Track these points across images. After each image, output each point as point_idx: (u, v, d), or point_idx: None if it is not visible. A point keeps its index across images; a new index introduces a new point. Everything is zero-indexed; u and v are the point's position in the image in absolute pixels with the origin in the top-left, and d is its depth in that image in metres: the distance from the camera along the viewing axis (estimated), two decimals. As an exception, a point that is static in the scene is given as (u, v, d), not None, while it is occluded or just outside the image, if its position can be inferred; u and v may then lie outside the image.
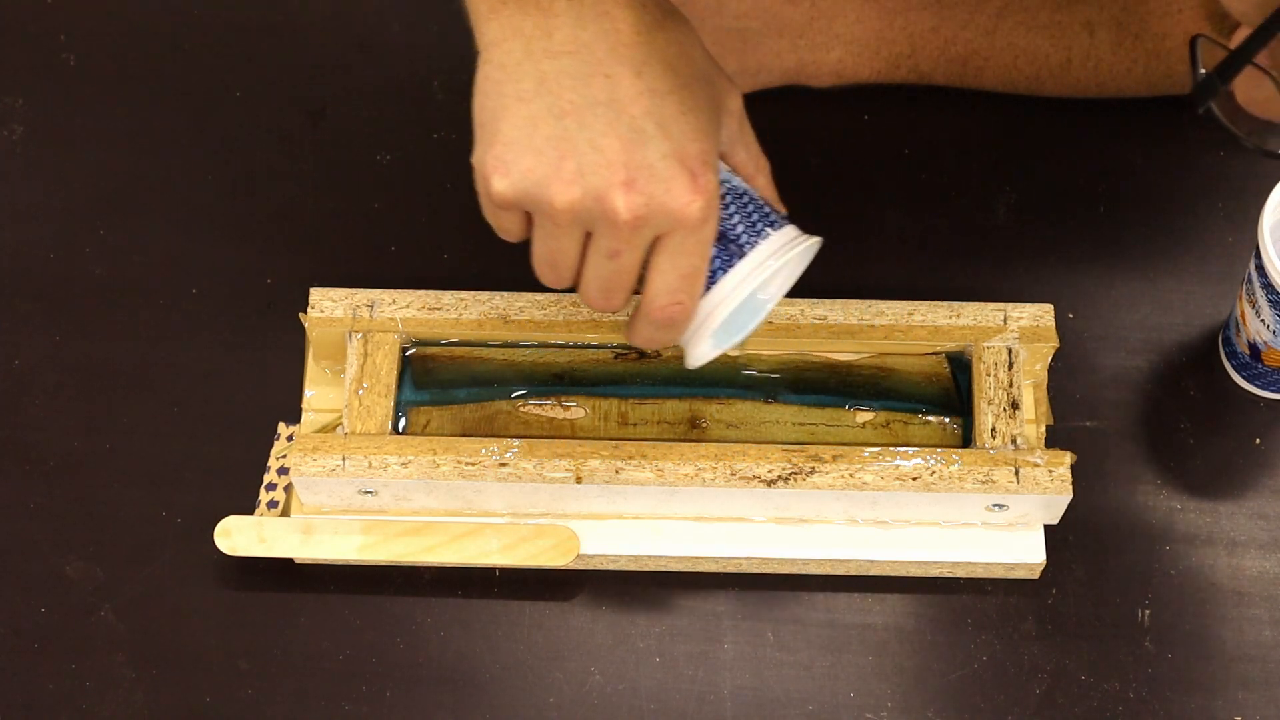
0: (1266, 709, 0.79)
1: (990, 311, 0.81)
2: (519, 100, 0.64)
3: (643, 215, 0.65)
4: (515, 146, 0.65)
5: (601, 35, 0.64)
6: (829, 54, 0.91)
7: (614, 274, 0.68)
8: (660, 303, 0.69)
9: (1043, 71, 0.90)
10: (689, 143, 0.66)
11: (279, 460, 0.83)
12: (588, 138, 0.64)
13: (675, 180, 0.65)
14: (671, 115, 0.65)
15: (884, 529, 0.81)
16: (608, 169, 0.64)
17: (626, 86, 0.64)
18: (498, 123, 0.65)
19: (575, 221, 0.66)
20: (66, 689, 0.80)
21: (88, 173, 0.92)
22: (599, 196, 0.65)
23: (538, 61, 0.64)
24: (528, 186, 0.65)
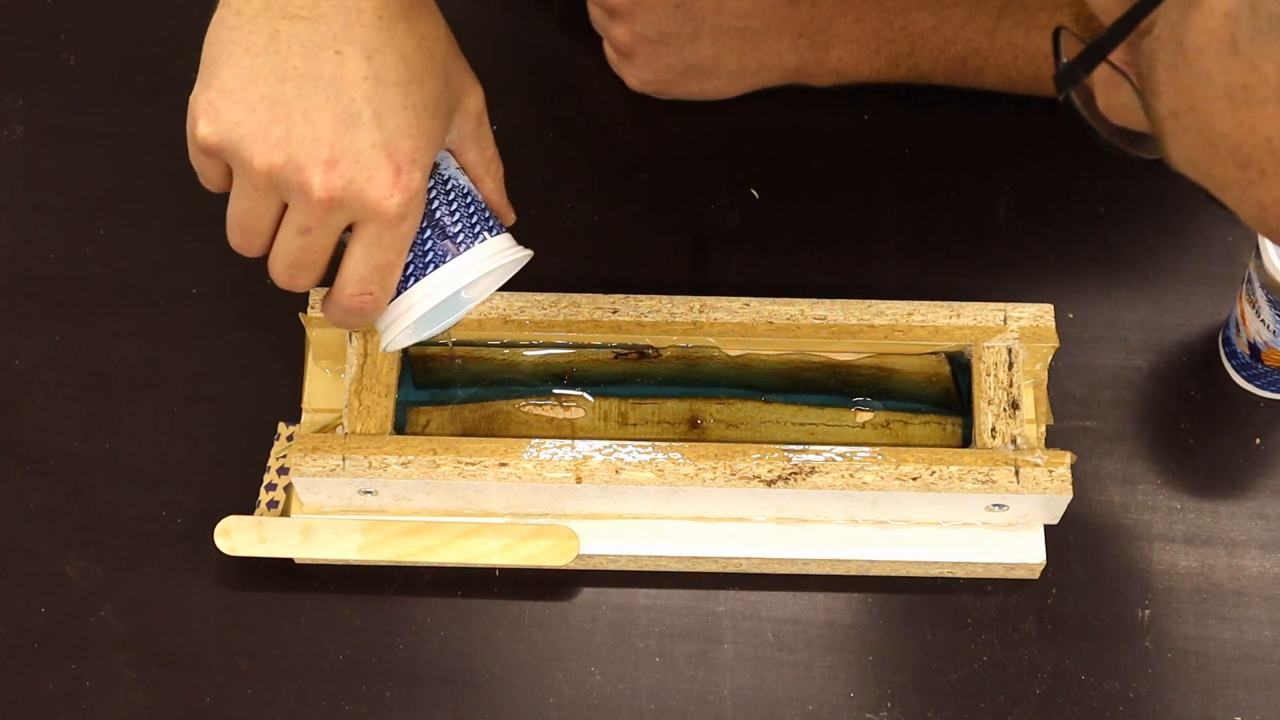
0: (1266, 709, 0.79)
1: (990, 311, 0.81)
2: (246, 52, 0.64)
3: (338, 198, 0.65)
4: (229, 96, 0.64)
5: (341, 10, 0.64)
6: (829, 53, 0.91)
7: (303, 251, 0.67)
8: (350, 290, 0.68)
9: (1043, 70, 0.90)
10: (402, 138, 0.65)
11: (279, 460, 0.83)
12: (302, 108, 0.64)
13: (378, 171, 0.65)
14: (391, 107, 0.65)
15: (884, 529, 0.81)
16: (313, 144, 0.64)
17: (354, 68, 0.64)
18: (219, 68, 0.64)
19: (271, 187, 0.65)
20: (66, 689, 0.80)
21: (88, 173, 0.92)
22: (299, 168, 0.64)
23: (274, 19, 0.64)
24: (232, 139, 0.65)
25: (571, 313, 0.82)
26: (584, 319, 0.82)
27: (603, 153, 0.93)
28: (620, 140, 0.94)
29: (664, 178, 0.92)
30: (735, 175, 0.92)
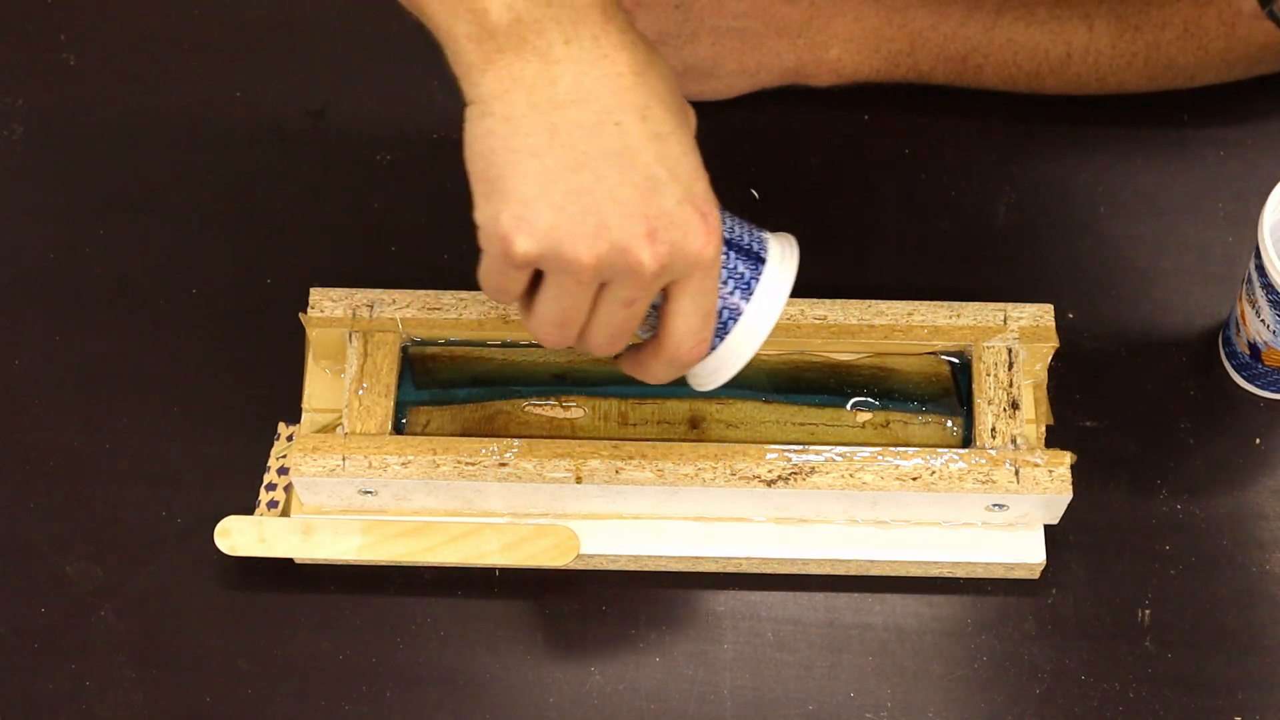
0: (1266, 709, 0.79)
1: (990, 311, 0.81)
2: (532, 155, 0.62)
3: (665, 264, 0.64)
4: (533, 203, 0.62)
5: (605, 80, 0.63)
6: (828, 53, 0.91)
7: (626, 321, 0.67)
8: (688, 345, 0.68)
9: (1043, 67, 0.90)
10: (695, 182, 0.65)
11: (279, 460, 0.83)
12: (607, 190, 0.63)
13: (690, 224, 0.64)
14: (676, 157, 0.64)
15: (884, 529, 0.81)
16: (630, 221, 0.63)
17: (636, 133, 0.63)
18: (509, 179, 0.62)
19: (597, 277, 0.64)
20: (66, 689, 0.80)
21: (88, 173, 0.92)
22: (624, 249, 0.63)
23: (545, 113, 0.62)
24: (551, 244, 0.63)
25: (571, 313, 0.82)
26: (584, 319, 0.82)
27: (603, 153, 0.93)
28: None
29: (664, 178, 0.92)
30: (735, 175, 0.92)
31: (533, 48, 0.62)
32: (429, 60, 0.95)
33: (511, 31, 0.62)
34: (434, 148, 0.93)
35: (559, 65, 0.62)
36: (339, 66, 0.95)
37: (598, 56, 0.63)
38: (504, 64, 0.62)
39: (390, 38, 0.96)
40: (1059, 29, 0.89)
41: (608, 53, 0.63)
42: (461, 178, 0.93)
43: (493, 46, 0.62)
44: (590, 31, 0.63)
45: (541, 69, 0.62)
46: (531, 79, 0.62)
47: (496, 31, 0.62)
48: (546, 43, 0.62)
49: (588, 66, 0.62)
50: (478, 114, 0.63)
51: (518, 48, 0.62)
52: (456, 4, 0.62)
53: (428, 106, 0.94)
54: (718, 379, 0.71)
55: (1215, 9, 0.87)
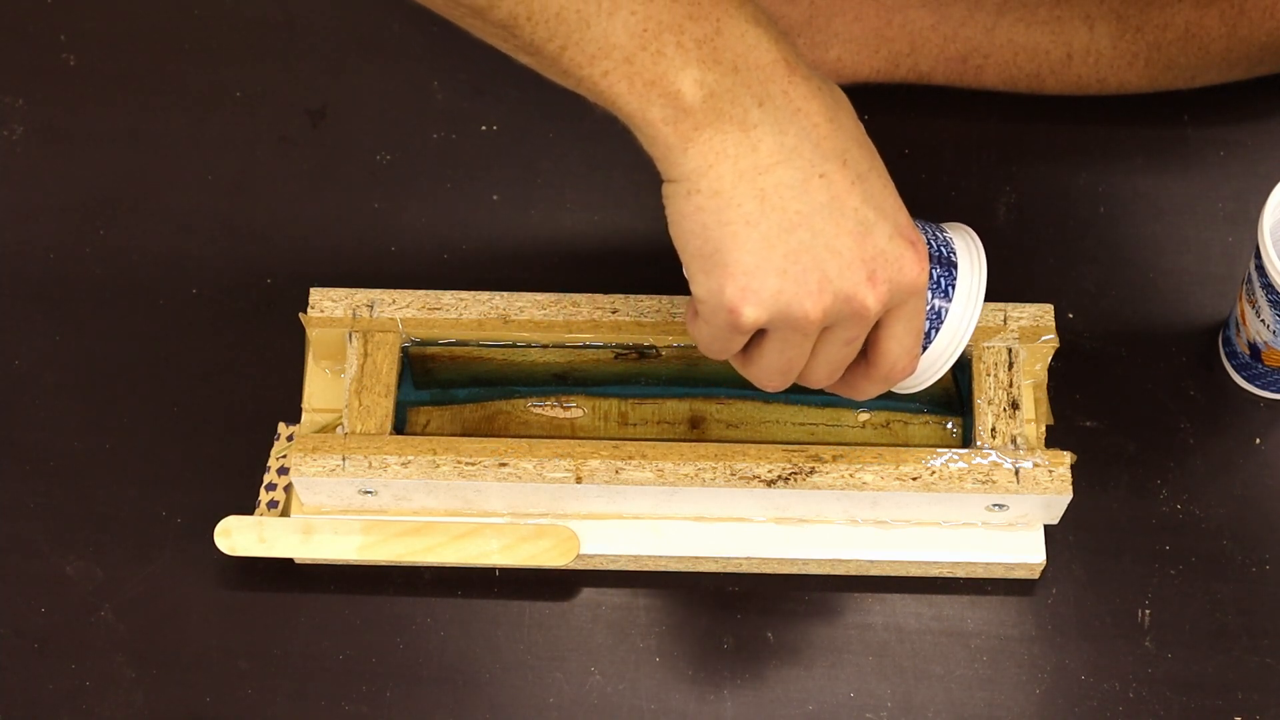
0: (1266, 709, 0.79)
1: (990, 311, 0.81)
2: (746, 224, 0.63)
3: (885, 300, 0.66)
4: (756, 273, 0.63)
5: (803, 135, 0.63)
6: (828, 52, 0.91)
7: (846, 355, 0.69)
8: (901, 365, 0.70)
9: (1043, 68, 0.90)
10: (899, 213, 0.66)
11: (279, 460, 0.83)
12: (823, 243, 0.64)
13: (904, 256, 0.66)
14: (878, 192, 0.65)
15: (884, 529, 0.81)
16: (851, 269, 0.64)
17: (840, 181, 0.64)
18: (728, 252, 0.63)
19: (822, 326, 0.66)
20: (66, 689, 0.80)
21: (88, 173, 0.92)
22: (848, 298, 0.65)
23: (752, 180, 0.63)
24: (779, 308, 0.64)
25: (571, 313, 0.82)
26: (584, 319, 0.82)
27: (603, 152, 0.93)
28: (620, 140, 0.94)
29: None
30: (735, 175, 0.92)
31: (729, 118, 0.62)
32: (429, 60, 0.96)
33: (706, 106, 0.62)
34: (434, 148, 0.93)
35: (757, 130, 0.63)
36: (339, 66, 0.95)
37: (792, 112, 0.63)
38: (704, 139, 0.62)
39: (390, 38, 0.96)
40: (1060, 30, 0.89)
41: (800, 106, 0.63)
42: (462, 177, 0.93)
43: (690, 125, 0.62)
44: (779, 89, 0.63)
45: (741, 137, 0.63)
46: (734, 150, 0.63)
47: (692, 110, 0.62)
48: (741, 110, 0.62)
49: (784, 124, 0.63)
50: (684, 191, 0.63)
51: (715, 121, 0.62)
52: (647, 89, 0.62)
53: (428, 106, 0.94)
54: (922, 383, 0.75)
55: (1216, 10, 0.87)
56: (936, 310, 0.72)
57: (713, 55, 0.62)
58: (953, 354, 0.73)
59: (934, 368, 0.74)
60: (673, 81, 0.61)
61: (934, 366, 0.73)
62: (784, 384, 0.70)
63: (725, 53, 0.62)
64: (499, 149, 0.93)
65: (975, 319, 0.73)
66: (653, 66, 0.61)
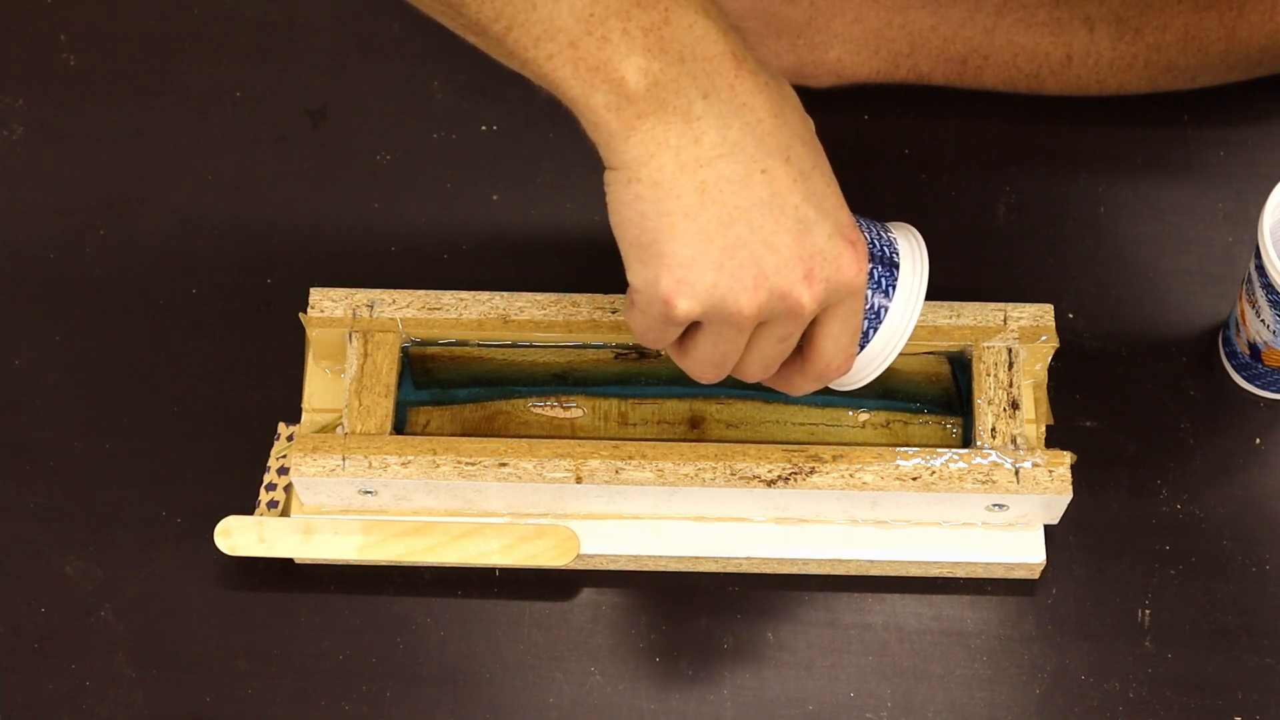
0: (1266, 709, 0.79)
1: (990, 311, 0.81)
2: (684, 216, 0.63)
3: (821, 298, 0.66)
4: (693, 265, 0.63)
5: (747, 130, 0.63)
6: (828, 53, 0.91)
7: (780, 351, 0.69)
8: (836, 363, 0.70)
9: (1043, 69, 0.90)
10: (840, 212, 0.66)
11: (279, 460, 0.83)
12: (761, 239, 0.64)
13: (843, 256, 0.66)
14: (821, 191, 0.65)
15: (884, 529, 0.81)
16: (787, 267, 0.64)
17: (781, 177, 0.64)
18: (665, 243, 0.63)
19: (756, 321, 0.66)
20: (66, 689, 0.80)
21: (88, 173, 0.92)
22: (783, 295, 0.65)
23: (693, 172, 0.62)
24: (713, 301, 0.64)
25: (571, 313, 0.82)
26: (584, 319, 0.82)
27: (603, 153, 0.93)
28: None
29: (664, 178, 0.92)
30: (735, 175, 0.92)
31: (672, 108, 0.62)
32: (429, 60, 0.96)
33: (650, 95, 0.61)
34: (434, 148, 0.93)
35: (700, 122, 0.62)
36: (339, 66, 0.95)
37: (736, 106, 0.63)
38: (646, 128, 0.62)
39: (390, 38, 0.96)
40: (1059, 31, 0.89)
41: (745, 100, 0.63)
42: (462, 177, 0.93)
43: (633, 113, 0.62)
44: (725, 81, 0.63)
45: (684, 128, 0.62)
46: (675, 140, 0.62)
47: (635, 97, 0.61)
48: (686, 101, 0.62)
49: (729, 118, 0.63)
50: (624, 179, 0.63)
51: (658, 111, 0.62)
52: (591, 74, 0.61)
53: (428, 106, 0.94)
54: (859, 381, 0.74)
55: (1216, 12, 0.87)
56: (876, 309, 0.72)
57: (659, 44, 0.61)
58: (890, 353, 0.73)
59: (870, 366, 0.73)
60: (617, 68, 0.61)
61: (871, 365, 0.73)
62: (718, 376, 0.69)
63: (672, 42, 0.62)
64: (499, 149, 0.93)
65: (914, 319, 0.72)
66: (597, 52, 0.61)
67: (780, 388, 0.73)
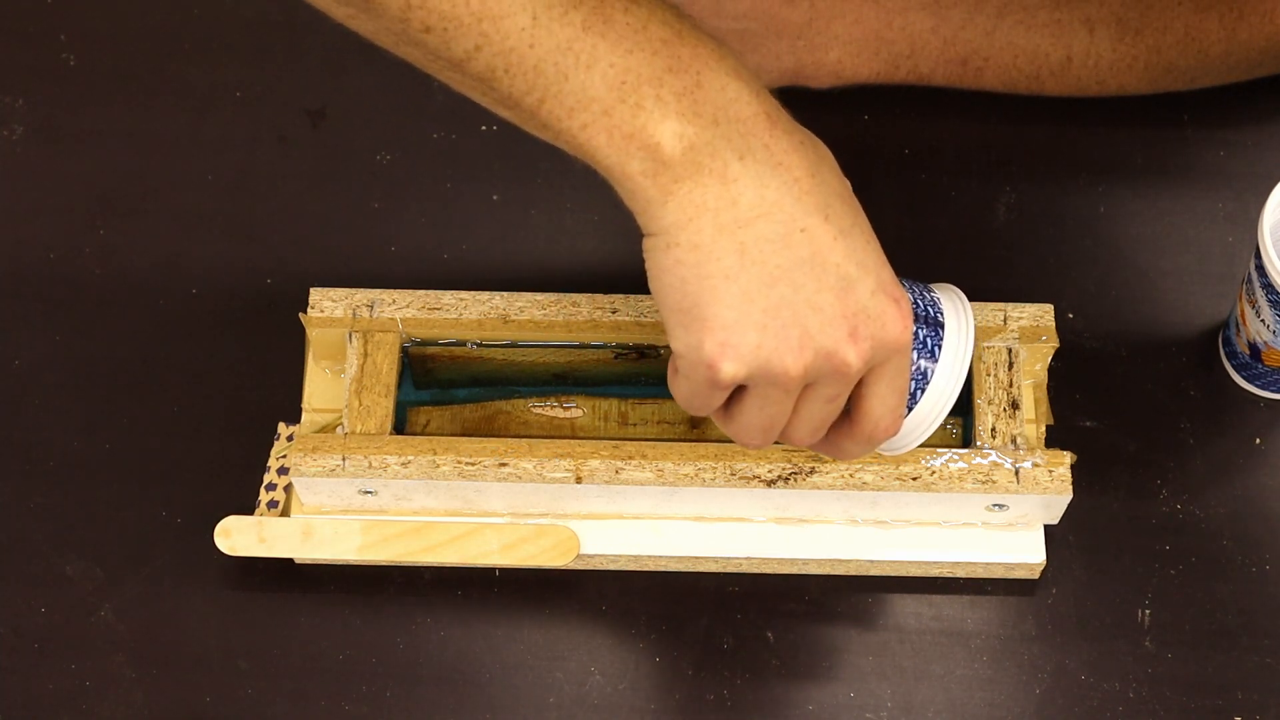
0: (1266, 709, 0.79)
1: (990, 311, 0.81)
2: (725, 278, 0.62)
3: (868, 357, 0.65)
4: (735, 328, 0.62)
5: (784, 189, 0.62)
6: (828, 55, 0.91)
7: (829, 414, 0.68)
8: (884, 425, 0.68)
9: (1043, 70, 0.90)
10: (882, 269, 0.65)
11: (279, 460, 0.83)
12: (804, 299, 0.63)
13: (887, 313, 0.65)
14: (861, 248, 0.64)
15: (884, 529, 0.81)
16: (832, 326, 0.63)
17: (822, 235, 0.63)
18: (707, 306, 0.62)
19: (803, 383, 0.65)
20: (66, 689, 0.80)
21: (88, 173, 0.92)
22: (829, 355, 0.64)
23: (732, 234, 0.62)
24: (758, 364, 0.63)
25: (571, 313, 0.82)
26: (584, 319, 0.82)
27: (603, 153, 0.93)
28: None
29: (664, 178, 0.92)
30: (735, 175, 0.92)
31: (709, 170, 0.61)
32: (429, 60, 0.95)
33: (686, 159, 0.61)
34: (434, 148, 0.93)
35: (737, 184, 0.62)
36: (339, 66, 0.95)
37: (773, 165, 0.62)
38: (683, 192, 0.61)
39: (390, 38, 0.96)
40: (1059, 33, 0.89)
41: (781, 159, 0.63)
42: (462, 177, 0.93)
43: (669, 178, 0.61)
44: (761, 142, 0.62)
45: (721, 190, 0.62)
46: (714, 203, 0.62)
47: (672, 162, 0.61)
48: (722, 163, 0.61)
49: (766, 178, 0.62)
50: (663, 245, 0.62)
51: (695, 174, 0.61)
52: (626, 142, 0.61)
53: (428, 106, 0.94)
54: (906, 446, 0.73)
55: (1216, 13, 0.87)
56: (923, 371, 0.70)
57: (693, 108, 0.61)
58: (939, 415, 0.71)
59: (919, 429, 0.72)
60: (652, 134, 0.61)
61: (920, 428, 0.72)
62: (766, 441, 0.68)
63: (705, 105, 0.61)
64: (499, 149, 0.93)
65: (961, 380, 0.71)
66: (631, 119, 0.61)
67: (829, 453, 0.72)
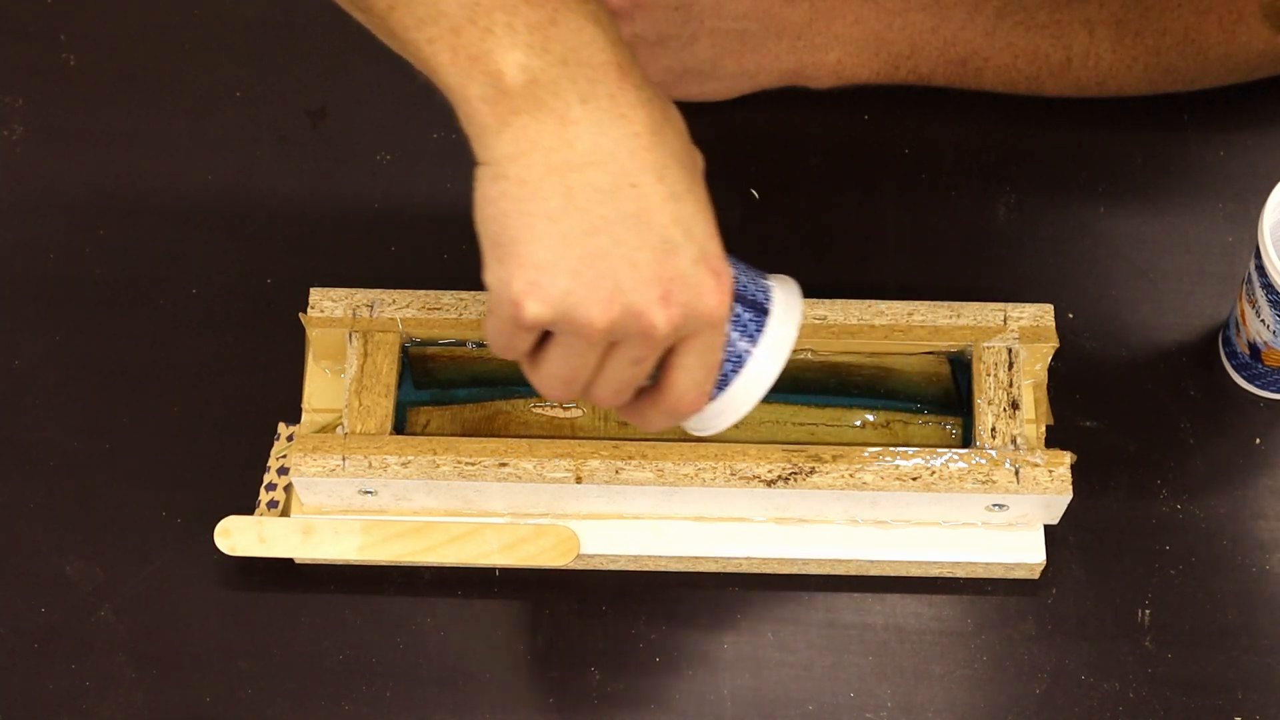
0: (1266, 709, 0.79)
1: (990, 311, 0.81)
2: (548, 219, 0.61)
3: (678, 325, 0.64)
4: (550, 269, 0.62)
5: (622, 141, 0.62)
6: (828, 55, 0.91)
7: (633, 377, 0.67)
8: (689, 398, 0.67)
9: (1043, 71, 0.90)
10: (709, 241, 0.64)
11: (279, 460, 0.83)
12: (623, 253, 0.62)
13: (704, 284, 0.64)
14: (691, 216, 0.63)
15: (884, 529, 0.81)
16: (645, 285, 0.62)
17: (652, 194, 0.62)
18: (523, 244, 0.61)
19: (608, 338, 0.64)
20: (66, 689, 0.80)
21: (88, 173, 0.92)
22: (638, 313, 0.63)
23: (562, 175, 0.61)
24: (565, 309, 0.62)
25: (571, 313, 0.82)
26: (584, 319, 0.81)
27: (603, 153, 0.93)
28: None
29: (664, 178, 0.92)
30: (735, 175, 0.92)
31: (549, 109, 0.61)
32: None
33: (527, 93, 0.60)
34: (434, 148, 0.93)
35: (576, 126, 0.61)
36: (339, 66, 0.95)
37: (615, 116, 0.62)
38: (519, 125, 0.61)
39: (390, 38, 0.96)
40: (1059, 34, 0.89)
41: (624, 112, 0.62)
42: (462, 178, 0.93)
43: (508, 108, 0.61)
44: (607, 90, 0.61)
45: (558, 130, 0.61)
46: (548, 141, 0.61)
47: (512, 93, 0.60)
48: (563, 104, 0.61)
49: (605, 127, 0.61)
50: (491, 175, 0.62)
51: (534, 109, 0.61)
52: (470, 64, 0.60)
53: (428, 106, 0.94)
54: (715, 427, 0.71)
55: (1216, 15, 0.87)
56: (740, 354, 0.69)
57: (543, 43, 0.60)
58: (749, 401, 0.70)
59: (728, 412, 0.70)
60: (496, 61, 0.60)
61: (728, 411, 0.70)
62: (567, 395, 0.67)
63: (556, 43, 0.61)
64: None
65: (778, 369, 0.70)
66: (479, 42, 0.60)
67: (633, 420, 0.70)
